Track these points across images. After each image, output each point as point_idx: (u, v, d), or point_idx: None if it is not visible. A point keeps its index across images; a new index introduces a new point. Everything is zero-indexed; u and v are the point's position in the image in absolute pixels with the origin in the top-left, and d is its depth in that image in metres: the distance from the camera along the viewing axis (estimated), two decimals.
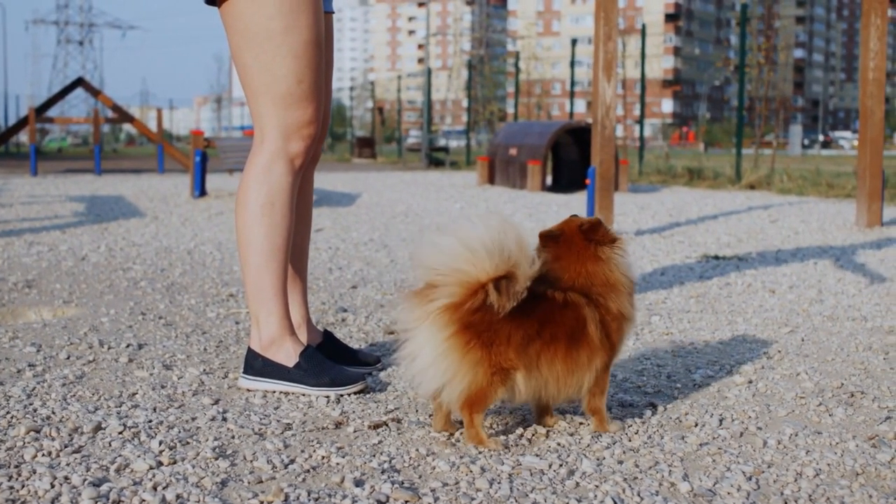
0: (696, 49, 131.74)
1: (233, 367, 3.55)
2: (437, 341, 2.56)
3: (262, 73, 3.19)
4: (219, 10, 3.24)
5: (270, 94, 3.21)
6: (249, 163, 3.29)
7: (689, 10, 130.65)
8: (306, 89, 3.22)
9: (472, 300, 2.54)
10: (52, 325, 4.28)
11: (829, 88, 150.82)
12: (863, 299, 5.23)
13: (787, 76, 43.50)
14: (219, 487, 2.33)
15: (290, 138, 3.24)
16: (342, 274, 6.09)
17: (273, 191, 3.24)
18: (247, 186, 3.27)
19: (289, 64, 3.17)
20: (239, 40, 3.21)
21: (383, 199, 13.45)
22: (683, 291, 5.47)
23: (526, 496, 2.31)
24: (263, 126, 3.25)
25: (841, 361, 3.78)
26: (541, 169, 15.45)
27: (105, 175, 20.18)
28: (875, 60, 8.93)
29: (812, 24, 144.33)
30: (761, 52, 21.67)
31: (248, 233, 3.27)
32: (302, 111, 3.23)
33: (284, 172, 3.26)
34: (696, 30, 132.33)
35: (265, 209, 3.24)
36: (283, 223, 3.27)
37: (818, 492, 2.37)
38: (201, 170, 12.51)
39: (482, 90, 49.47)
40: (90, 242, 7.60)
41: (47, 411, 2.90)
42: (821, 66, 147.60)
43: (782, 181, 15.93)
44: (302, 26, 3.16)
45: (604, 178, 8.35)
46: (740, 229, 9.17)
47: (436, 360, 2.56)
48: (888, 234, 8.61)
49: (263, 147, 3.26)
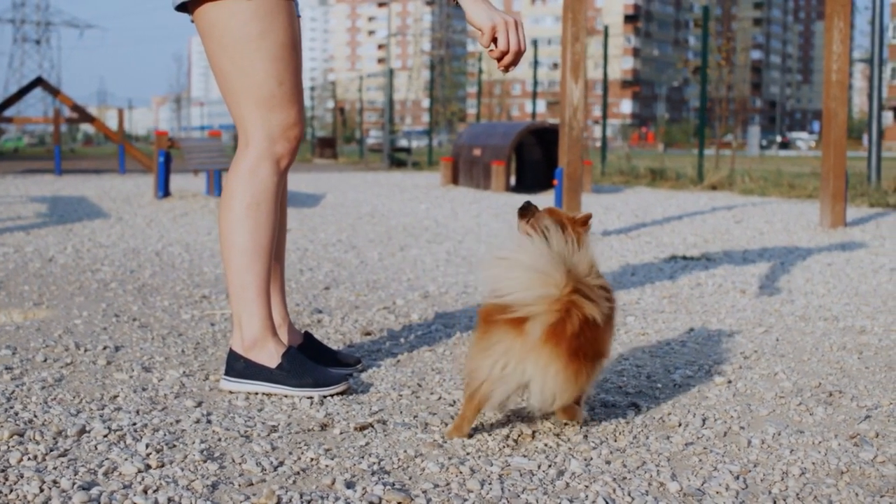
0: (654, 50, 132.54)
1: (213, 370, 3.53)
2: (551, 373, 2.56)
3: (242, 77, 3.18)
4: (192, 17, 3.23)
5: (253, 98, 3.20)
6: (235, 165, 3.27)
7: (648, 11, 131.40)
8: (287, 91, 3.22)
9: (569, 322, 2.55)
10: (25, 328, 4.24)
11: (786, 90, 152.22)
12: (832, 299, 5.28)
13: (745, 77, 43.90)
14: (210, 490, 2.32)
15: (276, 140, 3.24)
16: (313, 275, 6.08)
17: (258, 192, 3.23)
18: (232, 188, 3.26)
19: (268, 67, 3.17)
20: (216, 47, 3.19)
21: (348, 199, 13.42)
22: (655, 292, 5.50)
23: (518, 496, 2.32)
24: (248, 129, 3.24)
25: (817, 361, 3.82)
26: (505, 169, 15.49)
27: (65, 175, 20.00)
28: (838, 63, 9.02)
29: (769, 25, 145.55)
30: (721, 53, 21.85)
31: (232, 233, 3.25)
32: (286, 113, 3.23)
33: (270, 173, 3.25)
34: (655, 31, 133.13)
35: (250, 210, 3.23)
36: (267, 223, 3.26)
37: (805, 490, 2.40)
38: (165, 170, 12.42)
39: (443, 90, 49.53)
40: (56, 244, 7.54)
41: (29, 415, 2.87)
42: (778, 67, 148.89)
43: (744, 182, 16.05)
44: (278, 29, 3.16)
45: (571, 179, 8.39)
46: (706, 230, 9.23)
47: (552, 387, 2.59)
48: (852, 234, 8.70)
49: (249, 150, 3.24)
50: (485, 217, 10.64)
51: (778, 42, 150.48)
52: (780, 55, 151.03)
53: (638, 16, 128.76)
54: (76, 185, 16.47)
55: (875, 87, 14.11)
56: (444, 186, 17.03)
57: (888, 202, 12.17)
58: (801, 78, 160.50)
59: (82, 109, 23.08)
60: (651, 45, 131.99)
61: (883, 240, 8.26)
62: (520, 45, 2.95)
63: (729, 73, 22.96)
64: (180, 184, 15.18)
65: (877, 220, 10.08)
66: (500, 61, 2.97)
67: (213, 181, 12.65)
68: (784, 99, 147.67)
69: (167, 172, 12.49)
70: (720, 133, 22.89)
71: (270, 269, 3.31)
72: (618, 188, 16.89)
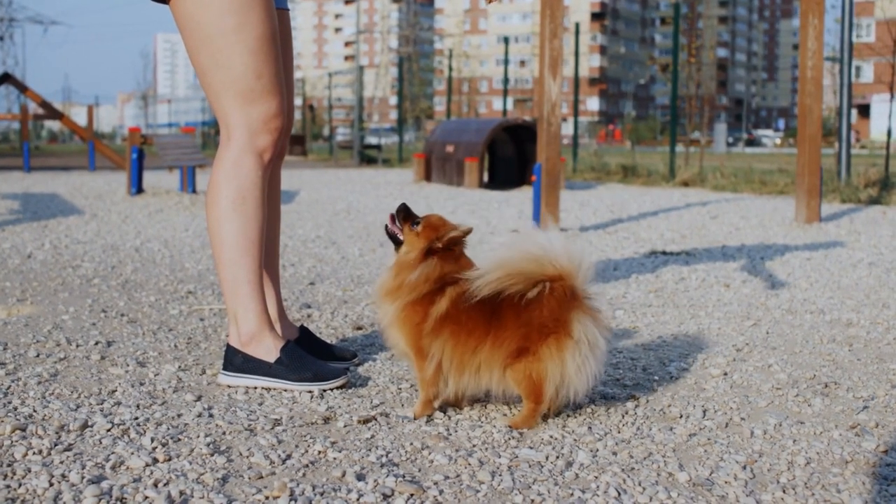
0: (621, 48, 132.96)
1: (208, 364, 3.51)
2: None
3: (220, 71, 3.17)
4: (170, 9, 3.21)
5: (232, 92, 3.18)
6: (218, 160, 3.26)
7: (615, 9, 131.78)
8: (266, 84, 3.20)
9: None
10: (13, 324, 4.20)
11: (752, 87, 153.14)
12: (816, 293, 5.32)
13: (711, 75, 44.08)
14: (220, 483, 2.31)
15: (258, 133, 3.22)
16: (296, 271, 6.06)
17: (243, 186, 3.22)
18: (216, 183, 3.24)
19: (245, 60, 3.15)
20: (193, 40, 3.18)
21: (322, 196, 13.38)
22: (641, 286, 5.52)
23: (529, 487, 2.32)
24: (229, 123, 3.23)
25: (808, 353, 3.84)
26: (478, 166, 15.50)
27: (34, 172, 19.81)
28: (813, 60, 9.09)
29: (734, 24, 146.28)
30: (688, 50, 21.93)
31: (220, 229, 3.24)
32: (266, 106, 3.21)
33: (254, 167, 3.23)
34: (622, 29, 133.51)
35: (236, 204, 3.21)
36: (255, 217, 3.24)
37: (813, 479, 2.42)
38: (138, 167, 12.33)
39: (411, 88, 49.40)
40: (33, 240, 7.47)
41: (28, 409, 2.85)
42: (743, 65, 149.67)
43: (716, 178, 16.14)
44: (254, 22, 3.14)
45: (550, 175, 8.40)
46: (682, 225, 9.28)
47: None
48: (827, 230, 8.77)
49: (231, 144, 3.23)
50: (461, 213, 10.63)
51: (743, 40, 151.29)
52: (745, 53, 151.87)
53: (605, 14, 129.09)
54: (46, 181, 16.32)
55: (844, 84, 14.21)
56: (417, 183, 17.01)
57: (859, 198, 12.28)
58: (767, 76, 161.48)
59: (50, 106, 22.91)
60: (618, 42, 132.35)
61: (858, 235, 8.33)
62: None
63: (697, 70, 23.05)
64: (152, 181, 15.09)
65: (850, 216, 10.16)
66: None
67: (188, 178, 12.58)
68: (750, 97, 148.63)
69: (140, 169, 12.40)
70: (689, 130, 22.96)
71: (262, 262, 3.29)
72: (590, 185, 16.94)
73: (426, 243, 2.90)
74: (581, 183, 17.40)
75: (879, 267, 6.33)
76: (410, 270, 2.89)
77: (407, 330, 2.88)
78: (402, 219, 2.96)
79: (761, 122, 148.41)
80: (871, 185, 13.30)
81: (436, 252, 2.89)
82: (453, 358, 2.81)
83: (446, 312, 2.82)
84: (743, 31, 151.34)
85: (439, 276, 2.87)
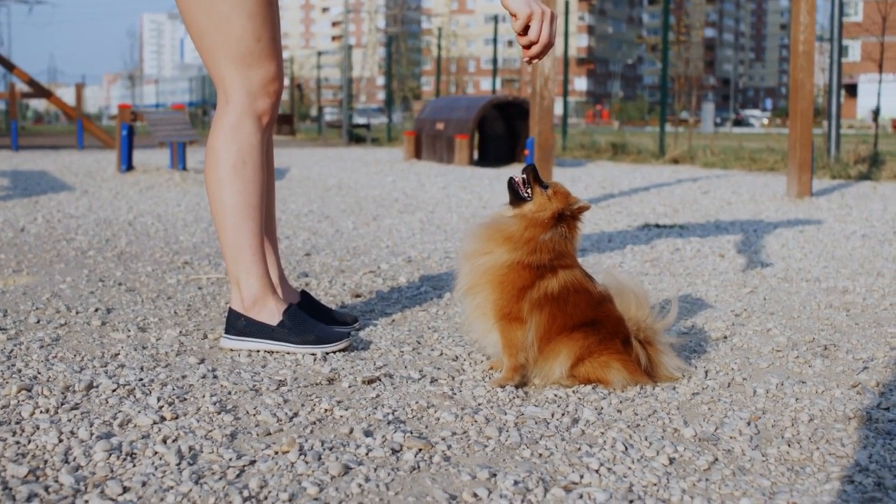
0: (609, 28, 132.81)
1: (209, 329, 3.52)
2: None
3: (219, 34, 3.15)
4: None
5: (230, 56, 3.17)
6: (215, 124, 3.25)
7: None
8: (265, 47, 3.19)
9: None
10: (11, 293, 4.19)
11: (739, 67, 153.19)
12: (810, 263, 5.34)
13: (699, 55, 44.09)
14: (229, 439, 2.31)
15: (257, 96, 3.22)
16: (291, 243, 6.06)
17: (243, 149, 3.21)
18: (215, 147, 3.23)
19: (244, 23, 3.14)
20: (191, 5, 3.16)
21: (312, 173, 13.36)
22: (636, 256, 5.54)
23: (536, 443, 2.34)
24: (227, 87, 3.22)
25: (807, 318, 3.87)
26: (468, 143, 15.49)
27: (22, 151, 19.71)
28: (805, 34, 9.09)
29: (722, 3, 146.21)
30: (677, 30, 21.95)
31: (220, 193, 3.23)
32: (265, 69, 3.21)
33: (253, 130, 3.23)
34: (609, 8, 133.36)
35: (237, 168, 3.20)
36: (255, 181, 3.24)
37: (817, 434, 2.44)
38: (128, 144, 12.29)
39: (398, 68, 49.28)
40: (25, 215, 7.45)
41: (32, 371, 2.85)
42: (731, 45, 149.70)
43: (706, 155, 16.16)
44: None
45: (543, 149, 8.41)
46: (674, 200, 9.30)
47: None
48: (818, 204, 8.80)
49: (229, 108, 3.22)
50: (452, 189, 10.63)
51: (731, 20, 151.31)
52: (732, 33, 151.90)
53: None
54: (35, 160, 16.24)
55: (834, 61, 14.23)
56: (408, 161, 16.99)
57: (849, 174, 12.32)
58: (754, 56, 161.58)
59: (39, 84, 22.78)
60: (605, 22, 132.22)
61: (849, 209, 8.36)
62: (550, 37, 2.93)
63: (686, 49, 23.07)
64: (142, 158, 15.04)
65: (841, 191, 10.20)
66: (528, 50, 2.94)
67: (178, 155, 12.53)
68: (737, 77, 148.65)
69: (130, 146, 12.35)
70: (678, 109, 22.98)
71: (262, 226, 3.29)
72: (580, 162, 16.95)
73: (559, 207, 2.87)
74: (571, 161, 17.40)
75: (872, 238, 6.36)
76: (543, 230, 2.84)
77: (508, 288, 2.83)
78: (533, 178, 2.88)
79: (748, 102, 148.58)
80: (860, 162, 13.35)
81: (565, 219, 2.88)
82: (541, 338, 2.83)
83: (555, 294, 2.83)
84: (730, 10, 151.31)
85: (562, 252, 2.87)
